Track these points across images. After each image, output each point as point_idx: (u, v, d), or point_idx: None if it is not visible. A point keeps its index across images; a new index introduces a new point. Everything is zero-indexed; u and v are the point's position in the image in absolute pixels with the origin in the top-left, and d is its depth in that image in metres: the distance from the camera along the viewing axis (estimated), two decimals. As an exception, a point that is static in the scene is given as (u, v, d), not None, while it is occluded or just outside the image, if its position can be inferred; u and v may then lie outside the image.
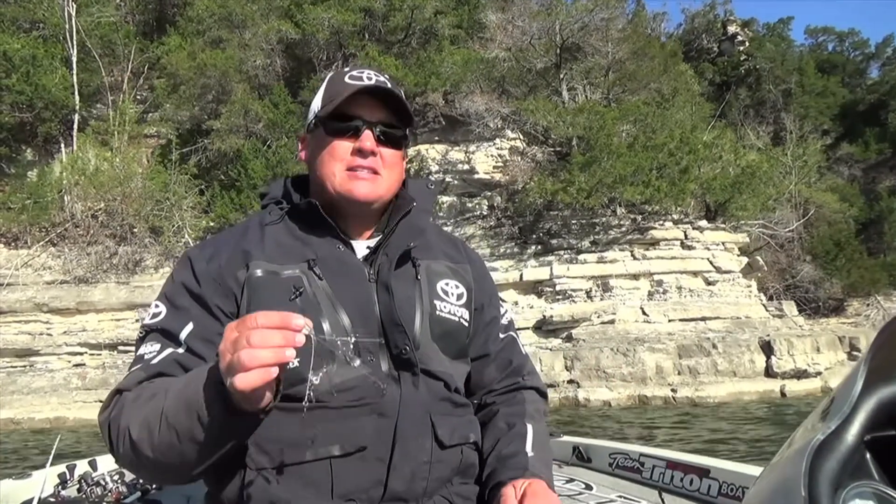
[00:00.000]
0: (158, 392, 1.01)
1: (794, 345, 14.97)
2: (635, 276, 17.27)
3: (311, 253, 1.17)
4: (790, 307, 18.65)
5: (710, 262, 17.62)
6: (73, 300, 18.32)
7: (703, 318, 16.40)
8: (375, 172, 1.21)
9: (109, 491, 2.18)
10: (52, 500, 2.13)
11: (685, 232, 17.93)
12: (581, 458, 2.55)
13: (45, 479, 2.18)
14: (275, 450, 1.08)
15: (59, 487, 2.30)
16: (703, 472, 2.02)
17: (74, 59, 22.98)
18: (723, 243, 18.27)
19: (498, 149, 20.82)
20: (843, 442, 0.62)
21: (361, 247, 1.24)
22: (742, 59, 37.28)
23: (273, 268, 1.14)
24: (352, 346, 1.06)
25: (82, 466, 2.45)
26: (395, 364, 1.15)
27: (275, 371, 0.84)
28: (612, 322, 16.15)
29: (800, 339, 15.36)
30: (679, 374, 14.73)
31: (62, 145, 22.20)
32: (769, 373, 14.81)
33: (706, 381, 14.45)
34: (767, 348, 15.03)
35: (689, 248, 17.72)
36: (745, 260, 18.55)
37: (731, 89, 34.30)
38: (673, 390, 14.24)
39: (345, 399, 1.09)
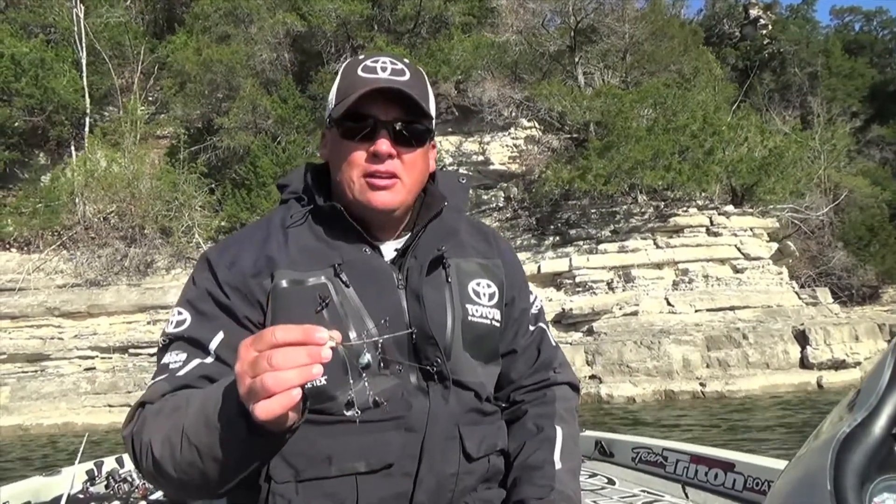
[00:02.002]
0: (181, 406, 0.97)
1: (831, 333, 14.12)
2: (659, 266, 16.50)
3: (337, 257, 1.11)
4: (824, 294, 17.70)
5: (738, 249, 16.78)
6: (84, 303, 18.12)
7: (732, 308, 15.57)
8: (394, 177, 1.13)
9: (136, 487, 2.19)
10: (81, 496, 2.14)
11: (711, 218, 17.11)
12: (604, 452, 2.52)
13: (74, 476, 2.24)
14: (299, 463, 1.05)
15: (88, 484, 2.31)
16: (728, 466, 1.99)
17: (84, 61, 22.85)
18: (751, 229, 17.40)
19: (513, 138, 20.17)
20: (870, 434, 0.62)
21: (389, 249, 1.18)
22: (765, 42, 36.33)
23: (298, 276, 1.09)
24: (380, 348, 1.01)
25: (109, 463, 2.46)
26: (425, 376, 1.11)
27: (298, 394, 0.77)
28: (634, 314, 15.40)
29: (836, 327, 14.49)
30: (708, 366, 13.96)
31: (73, 149, 22.07)
32: (805, 364, 13.97)
33: (737, 373, 13.66)
34: (802, 338, 14.19)
35: (716, 234, 16.89)
36: (774, 246, 17.65)
37: (755, 74, 33.26)
38: (701, 384, 13.48)
39: (372, 414, 1.02)
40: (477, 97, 19.25)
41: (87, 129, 22.29)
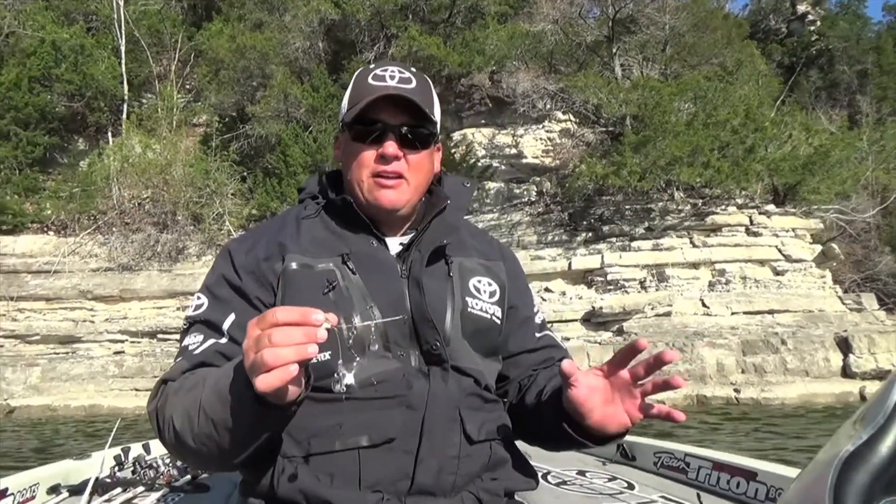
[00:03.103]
0: (198, 383, 1.03)
1: (876, 342, 13.42)
2: (694, 265, 15.94)
3: (345, 247, 1.19)
4: (870, 300, 16.88)
5: (779, 251, 16.10)
6: (116, 288, 18.35)
7: (771, 311, 14.94)
8: (400, 177, 1.21)
9: (161, 473, 2.24)
10: (109, 480, 2.19)
11: (751, 217, 16.45)
12: (625, 455, 2.49)
13: (103, 460, 2.29)
14: (305, 439, 1.10)
15: (116, 468, 2.36)
16: (751, 474, 1.95)
17: (123, 48, 23.14)
18: (793, 230, 16.68)
19: (547, 131, 19.73)
20: (876, 453, 0.59)
21: (395, 243, 1.25)
22: (813, 39, 34.97)
23: (307, 261, 1.16)
24: (373, 330, 1.05)
25: (136, 449, 2.50)
26: (426, 359, 1.16)
27: (295, 369, 0.84)
28: (667, 314, 14.90)
29: (882, 335, 13.77)
30: (743, 372, 13.41)
31: (111, 135, 22.37)
32: (847, 373, 13.31)
33: (773, 380, 13.09)
34: (845, 345, 13.52)
35: (756, 234, 16.23)
36: (818, 248, 16.88)
37: (802, 71, 32.08)
38: (736, 390, 12.95)
39: (374, 392, 1.10)
40: (511, 88, 18.84)
41: (124, 115, 22.57)
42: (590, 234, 17.22)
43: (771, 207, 16.93)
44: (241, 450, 0.99)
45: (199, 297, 1.19)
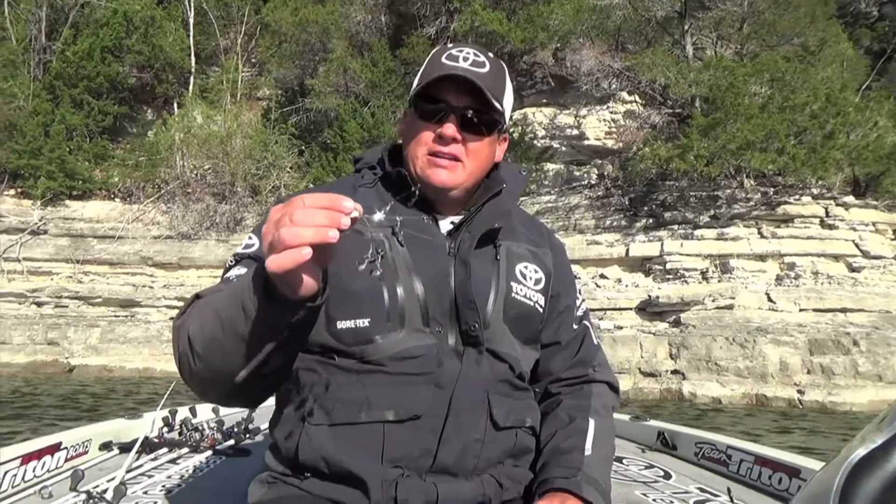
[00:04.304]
0: (222, 289, 1.04)
1: (960, 348, 12.35)
2: (762, 257, 15.02)
3: (396, 219, 1.12)
4: (955, 303, 15.59)
5: (856, 245, 14.98)
6: (175, 255, 18.83)
7: (844, 310, 13.92)
8: (456, 159, 1.21)
9: (206, 437, 2.31)
10: (156, 440, 2.26)
11: (826, 208, 15.34)
12: (665, 444, 2.46)
13: (154, 420, 2.41)
14: (332, 408, 1.10)
15: (164, 429, 2.44)
16: (794, 471, 1.89)
17: (192, 20, 23.53)
18: (873, 224, 15.47)
19: (611, 112, 18.95)
20: (891, 459, 0.57)
21: (446, 222, 1.26)
22: (907, 22, 32.53)
23: (358, 227, 1.11)
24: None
25: (183, 412, 2.59)
26: (463, 339, 1.16)
27: (308, 252, 0.80)
28: (729, 307, 14.09)
29: (967, 341, 12.67)
30: (808, 373, 12.57)
31: (176, 106, 22.86)
32: (924, 380, 12.31)
33: (842, 384, 12.21)
34: (924, 350, 12.50)
35: (831, 227, 15.13)
36: (901, 244, 15.66)
37: (892, 56, 29.88)
38: (799, 392, 12.16)
39: (405, 367, 1.10)
40: (575, 66, 18.13)
41: (190, 87, 23.02)
42: (650, 221, 16.47)
43: (849, 199, 15.75)
44: (243, 360, 0.96)
45: (250, 238, 1.21)
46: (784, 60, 15.96)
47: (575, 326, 1.34)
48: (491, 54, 1.26)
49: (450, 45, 1.27)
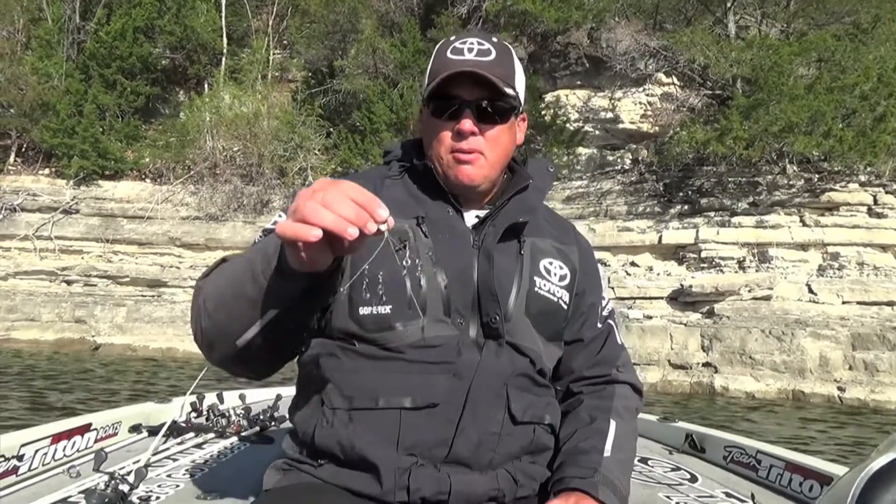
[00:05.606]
0: (243, 254, 1.06)
1: None
2: (803, 247, 14.25)
3: (421, 211, 1.21)
4: None
5: (907, 236, 14.14)
6: (202, 236, 18.86)
7: (891, 303, 13.14)
8: (478, 153, 1.22)
9: (232, 423, 2.32)
10: (184, 424, 2.28)
11: (875, 196, 14.46)
12: (693, 446, 2.38)
13: (182, 405, 2.43)
14: (350, 393, 1.12)
15: (192, 414, 2.45)
16: (826, 479, 1.80)
17: (223, 1, 23.47)
18: (925, 213, 14.60)
19: (647, 94, 18.24)
20: None
21: (471, 216, 1.27)
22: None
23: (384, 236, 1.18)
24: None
25: (210, 398, 2.61)
26: (484, 332, 1.16)
27: (318, 234, 0.80)
28: (766, 298, 13.41)
29: None
30: (850, 369, 11.89)
31: (207, 87, 22.86)
32: (977, 379, 11.54)
33: (886, 381, 11.52)
34: (977, 348, 11.71)
35: (880, 216, 14.26)
36: (954, 236, 14.71)
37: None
38: (840, 388, 11.51)
39: (425, 355, 1.11)
40: (610, 46, 17.48)
41: (222, 68, 22.99)
42: (685, 207, 15.80)
43: (901, 187, 14.86)
44: (245, 324, 0.98)
45: (280, 215, 1.19)
46: (834, 39, 15.03)
47: (599, 325, 1.34)
48: (495, 38, 1.26)
49: (452, 38, 1.27)
